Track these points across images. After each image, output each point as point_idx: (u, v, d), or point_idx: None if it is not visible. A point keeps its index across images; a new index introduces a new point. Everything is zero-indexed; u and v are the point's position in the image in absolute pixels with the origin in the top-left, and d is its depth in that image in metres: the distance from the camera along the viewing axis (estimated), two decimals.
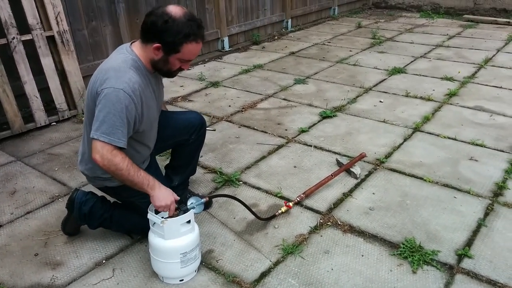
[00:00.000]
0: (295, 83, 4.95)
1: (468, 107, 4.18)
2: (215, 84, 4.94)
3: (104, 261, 2.33)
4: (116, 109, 1.94)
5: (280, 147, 3.53)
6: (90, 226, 2.45)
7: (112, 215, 2.40)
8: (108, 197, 2.49)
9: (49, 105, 4.05)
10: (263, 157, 3.37)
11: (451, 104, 4.27)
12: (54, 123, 4.01)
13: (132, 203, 2.36)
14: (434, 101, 4.35)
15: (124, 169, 1.98)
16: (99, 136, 1.95)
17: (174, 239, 2.06)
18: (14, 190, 3.00)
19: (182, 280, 2.17)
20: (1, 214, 2.74)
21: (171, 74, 2.16)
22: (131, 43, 2.15)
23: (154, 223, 2.09)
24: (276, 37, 7.06)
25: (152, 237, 2.11)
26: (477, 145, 3.45)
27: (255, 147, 3.52)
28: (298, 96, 4.58)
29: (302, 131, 3.77)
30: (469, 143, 3.49)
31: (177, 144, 2.66)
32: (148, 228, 2.15)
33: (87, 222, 2.42)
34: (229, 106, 4.35)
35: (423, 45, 6.37)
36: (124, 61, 2.05)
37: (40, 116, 3.89)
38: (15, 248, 2.45)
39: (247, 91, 4.75)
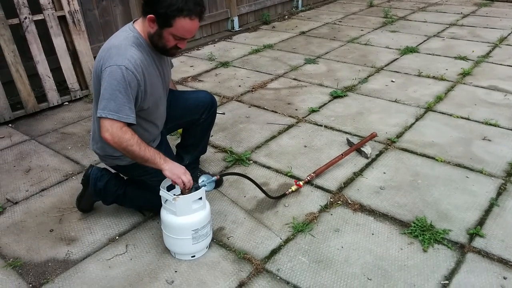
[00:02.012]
0: (305, 63, 4.91)
1: (482, 87, 4.12)
2: (225, 64, 4.92)
3: (117, 237, 2.38)
4: (120, 86, 1.94)
5: (290, 126, 3.52)
6: (104, 202, 2.49)
7: (125, 191, 2.43)
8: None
9: (61, 85, 4.07)
10: (273, 137, 3.37)
11: (464, 83, 4.21)
12: (67, 103, 4.04)
13: (143, 182, 2.40)
14: (447, 80, 4.29)
15: (135, 145, 1.98)
16: (107, 114, 1.95)
17: (186, 215, 2.08)
18: (29, 168, 3.04)
19: (194, 256, 2.21)
20: (16, 191, 2.79)
21: (167, 51, 2.11)
22: (134, 21, 2.13)
23: (166, 200, 2.11)
24: (286, 17, 6.99)
25: (164, 214, 2.14)
26: (490, 125, 3.42)
27: (265, 127, 3.52)
28: (309, 76, 4.55)
29: (313, 111, 3.76)
30: (482, 123, 3.46)
31: (187, 124, 2.67)
32: (160, 205, 2.18)
33: (101, 198, 2.46)
34: (239, 86, 4.34)
35: (436, 24, 6.26)
36: (125, 38, 2.04)
37: (53, 95, 3.92)
38: (31, 224, 2.50)
39: (257, 71, 4.73)
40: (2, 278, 2.13)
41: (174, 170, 2.05)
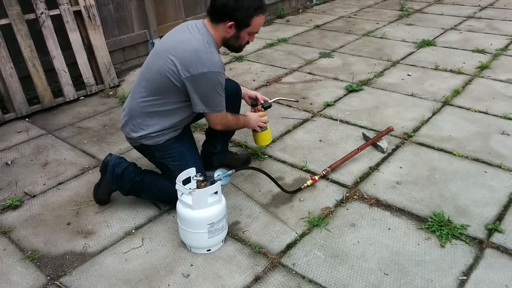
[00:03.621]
0: (320, 57, 4.87)
1: (500, 80, 4.05)
2: (239, 59, 4.91)
3: (133, 231, 2.39)
4: (219, 88, 2.22)
5: (305, 121, 3.50)
6: (121, 190, 2.50)
7: (143, 179, 2.46)
8: (139, 165, 2.56)
9: (77, 80, 4.11)
10: (288, 131, 3.35)
11: (482, 77, 4.14)
12: (82, 98, 4.07)
13: (163, 165, 2.45)
14: (465, 74, 4.23)
15: (234, 124, 2.50)
16: (211, 111, 2.28)
17: (201, 209, 2.09)
18: (46, 162, 3.08)
19: (210, 250, 2.21)
20: (34, 184, 2.83)
21: (240, 48, 2.39)
22: (203, 21, 2.28)
23: (183, 193, 2.12)
24: (300, 10, 6.94)
25: (180, 208, 2.14)
26: (509, 119, 3.36)
27: (280, 121, 3.51)
28: (323, 69, 4.52)
29: (328, 105, 3.74)
30: (501, 117, 3.40)
31: None
32: (176, 195, 2.18)
33: (118, 185, 2.48)
34: (254, 80, 4.33)
35: (453, 17, 6.16)
36: (204, 41, 2.20)
37: (69, 90, 3.95)
38: (48, 217, 2.52)
39: (271, 65, 4.71)
40: (21, 271, 2.16)
41: (253, 122, 2.62)
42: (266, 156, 3.04)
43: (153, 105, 2.31)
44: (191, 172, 2.19)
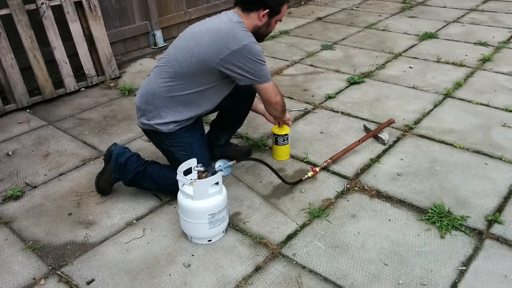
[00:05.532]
0: (322, 49, 4.86)
1: (502, 73, 4.04)
2: None
3: (134, 221, 2.40)
4: (261, 57, 2.26)
5: (306, 113, 3.50)
6: (123, 179, 2.49)
7: (145, 169, 2.46)
8: (142, 155, 2.57)
9: (78, 71, 4.10)
10: None
11: (484, 69, 4.13)
12: (83, 89, 4.07)
13: (170, 153, 2.44)
14: (467, 66, 4.21)
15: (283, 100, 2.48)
16: (263, 80, 2.30)
17: (202, 200, 2.09)
18: (47, 153, 3.08)
19: (210, 240, 2.22)
20: (35, 175, 2.83)
21: (265, 36, 2.44)
22: (233, 11, 2.32)
23: (184, 184, 2.12)
24: (302, 2, 6.91)
25: (181, 198, 2.15)
26: (510, 111, 3.35)
27: None
28: (325, 62, 4.51)
29: (329, 97, 3.73)
30: (502, 109, 3.39)
31: (223, 107, 2.65)
32: (178, 184, 2.18)
33: (120, 174, 2.47)
34: None
35: (456, 9, 6.13)
36: (237, 22, 2.26)
37: (70, 81, 3.95)
38: (50, 208, 2.53)
39: (273, 57, 4.70)
40: (22, 260, 2.17)
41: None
42: (267, 147, 3.04)
43: (177, 87, 2.29)
44: (192, 162, 2.19)
